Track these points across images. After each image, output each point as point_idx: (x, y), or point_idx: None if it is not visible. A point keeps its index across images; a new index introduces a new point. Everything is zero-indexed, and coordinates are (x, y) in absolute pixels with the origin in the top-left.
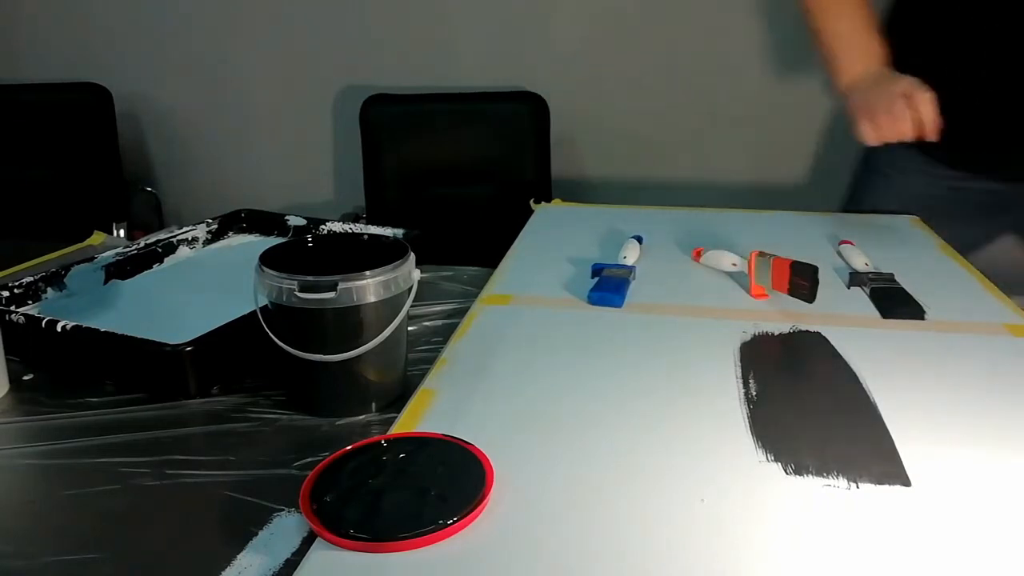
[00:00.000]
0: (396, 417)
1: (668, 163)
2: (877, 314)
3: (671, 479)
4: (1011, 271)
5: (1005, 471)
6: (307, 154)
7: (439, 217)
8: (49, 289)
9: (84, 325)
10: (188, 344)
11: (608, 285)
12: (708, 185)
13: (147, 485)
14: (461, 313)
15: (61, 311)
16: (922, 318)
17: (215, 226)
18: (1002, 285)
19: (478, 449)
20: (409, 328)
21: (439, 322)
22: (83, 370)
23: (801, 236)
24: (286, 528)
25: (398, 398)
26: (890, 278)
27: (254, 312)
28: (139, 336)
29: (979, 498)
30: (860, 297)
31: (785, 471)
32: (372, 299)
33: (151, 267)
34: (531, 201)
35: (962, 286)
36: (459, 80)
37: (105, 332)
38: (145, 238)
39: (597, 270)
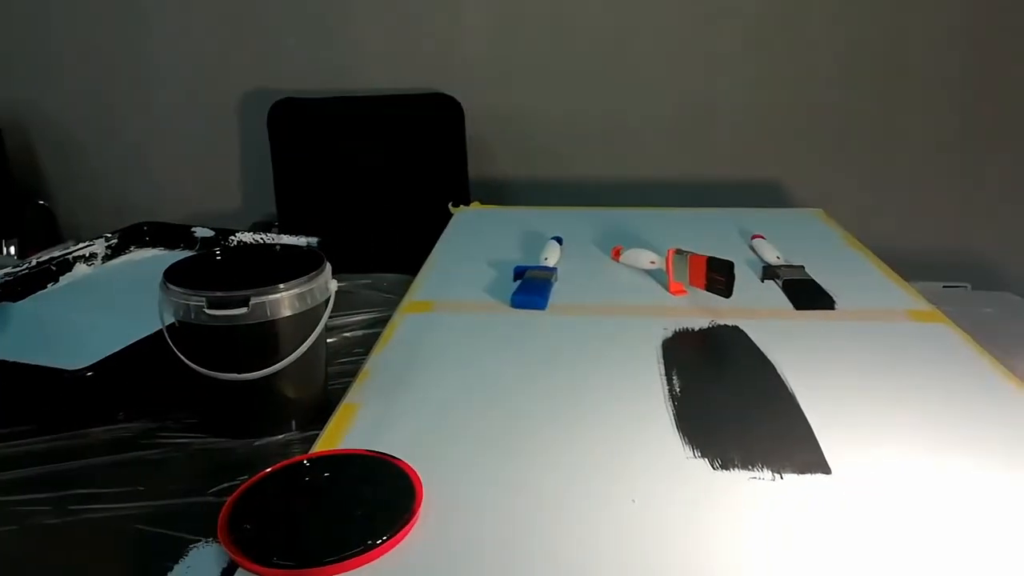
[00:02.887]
0: (318, 435)
1: (584, 162)
2: (790, 306)
3: (601, 481)
4: (909, 258)
5: (917, 451)
6: (213, 162)
7: (355, 223)
8: None
9: None
10: (88, 368)
11: (531, 288)
12: (624, 184)
13: (48, 524)
14: (382, 322)
15: None
16: (832, 308)
17: (115, 241)
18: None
19: (405, 463)
20: (328, 340)
21: (360, 332)
22: None
23: (715, 232)
24: (204, 560)
25: (319, 414)
26: (801, 270)
27: (160, 332)
28: (33, 363)
29: (897, 481)
30: (774, 290)
31: (712, 466)
32: (287, 313)
33: (45, 287)
34: (449, 205)
35: (867, 275)
36: (369, 83)
37: None
38: (38, 256)
39: (519, 272)
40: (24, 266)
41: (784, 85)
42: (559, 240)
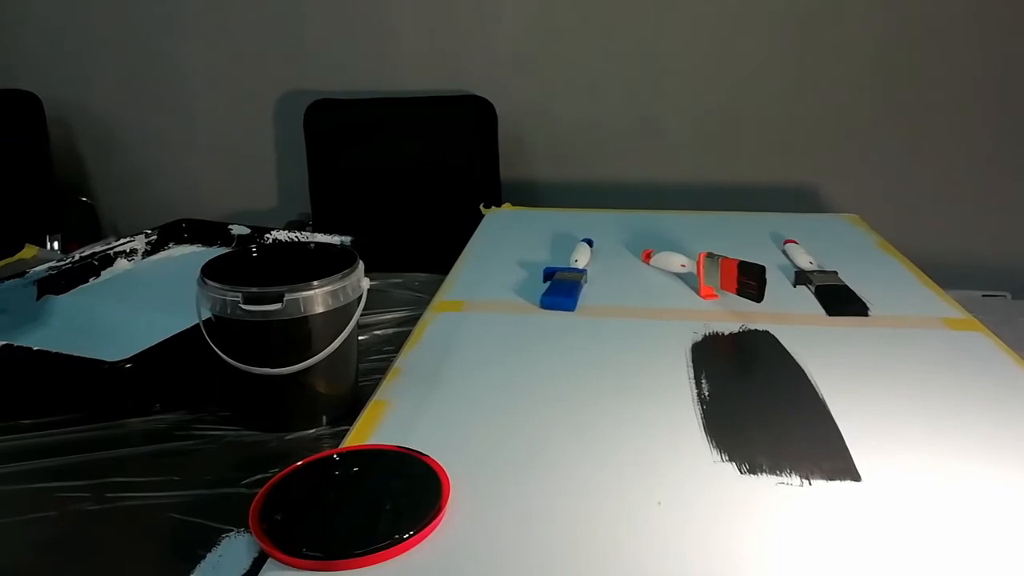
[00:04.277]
0: (348, 430)
1: (616, 165)
2: (823, 311)
3: (628, 483)
4: (947, 266)
5: (950, 462)
6: (249, 161)
7: (388, 223)
8: None
9: (15, 344)
10: (127, 361)
11: (560, 289)
12: (655, 186)
13: (86, 510)
14: (413, 321)
15: None
16: (866, 314)
17: (155, 237)
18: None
19: (433, 460)
20: (360, 338)
21: (390, 330)
22: (15, 391)
23: (747, 236)
24: (236, 549)
25: (349, 410)
26: (834, 275)
27: (197, 326)
28: (75, 354)
29: (927, 489)
30: (806, 295)
31: (739, 471)
32: (320, 310)
33: (87, 281)
34: (480, 206)
35: (902, 282)
36: (403, 85)
37: (38, 350)
38: (80, 251)
39: (549, 274)
40: (67, 261)
41: (818, 87)
42: (589, 242)
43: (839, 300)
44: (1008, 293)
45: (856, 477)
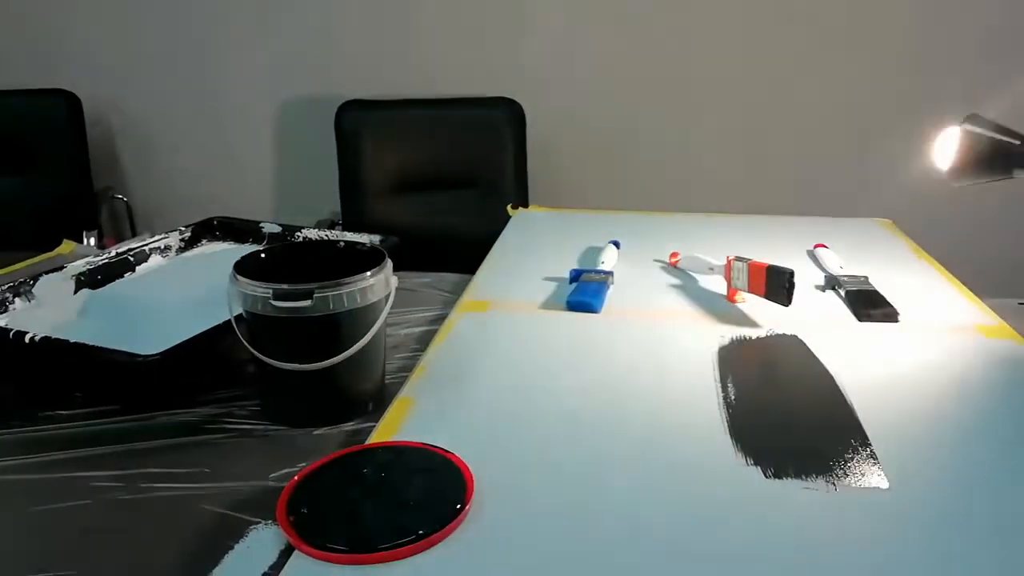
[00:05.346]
0: (374, 426)
1: (643, 167)
2: (852, 317)
3: (653, 484)
4: (982, 271)
5: (979, 471)
6: (281, 161)
7: (416, 223)
8: (17, 300)
9: (53, 336)
10: (160, 355)
11: (586, 290)
12: (685, 189)
13: (120, 499)
14: (440, 320)
15: (29, 322)
16: (896, 320)
17: (188, 234)
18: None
19: (458, 457)
20: (388, 336)
21: (418, 329)
22: (52, 382)
23: (776, 240)
24: (263, 541)
25: (377, 407)
26: (864, 281)
27: (228, 322)
28: (110, 347)
29: (955, 497)
30: (835, 300)
31: (765, 475)
32: (349, 307)
33: (123, 276)
34: (508, 206)
35: (935, 288)
36: (434, 87)
37: (75, 343)
38: (116, 247)
39: (575, 276)
40: (104, 257)
41: (851, 87)
42: (616, 244)
43: (869, 305)
44: None
45: (883, 484)
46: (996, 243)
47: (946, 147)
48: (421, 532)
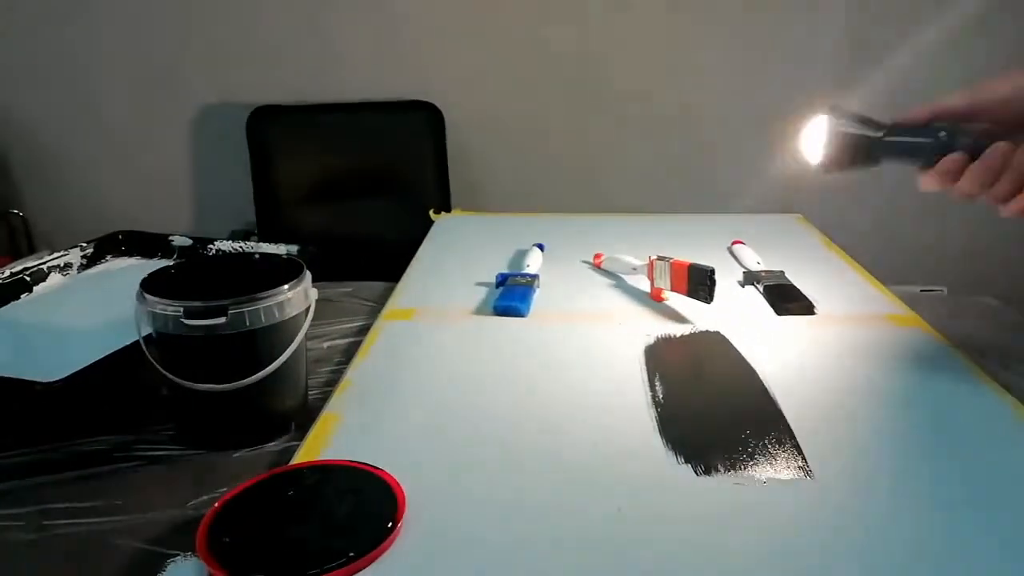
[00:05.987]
0: (299, 446)
1: (565, 168)
2: (771, 311)
3: (586, 490)
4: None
5: (900, 457)
6: (191, 170)
7: (336, 231)
8: None
9: None
10: (61, 381)
11: (513, 294)
12: (608, 190)
13: (21, 539)
14: (364, 331)
15: None
16: (813, 313)
17: (90, 250)
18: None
19: (387, 474)
20: (309, 350)
21: (341, 341)
22: None
23: (697, 237)
24: (183, 575)
25: (300, 425)
26: (781, 275)
27: (137, 342)
28: (5, 375)
29: (880, 486)
30: (754, 295)
31: (696, 472)
32: (266, 323)
33: (19, 297)
34: (431, 212)
35: (846, 280)
36: (349, 91)
37: None
38: (11, 266)
39: (501, 280)
40: None
41: (770, 89)
42: (541, 247)
43: (786, 299)
44: (944, 288)
45: (811, 475)
46: (896, 231)
47: (812, 140)
48: (352, 554)
